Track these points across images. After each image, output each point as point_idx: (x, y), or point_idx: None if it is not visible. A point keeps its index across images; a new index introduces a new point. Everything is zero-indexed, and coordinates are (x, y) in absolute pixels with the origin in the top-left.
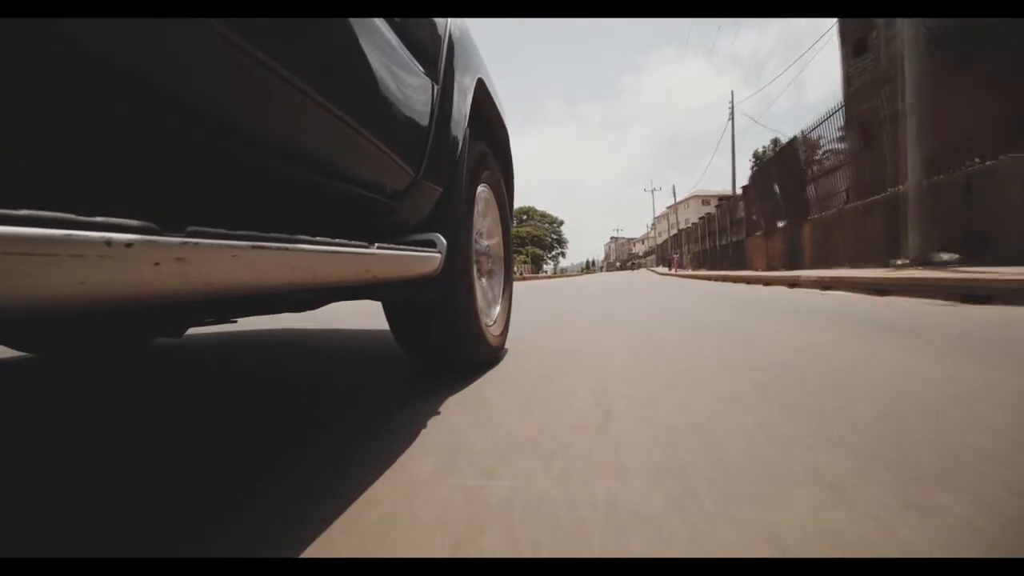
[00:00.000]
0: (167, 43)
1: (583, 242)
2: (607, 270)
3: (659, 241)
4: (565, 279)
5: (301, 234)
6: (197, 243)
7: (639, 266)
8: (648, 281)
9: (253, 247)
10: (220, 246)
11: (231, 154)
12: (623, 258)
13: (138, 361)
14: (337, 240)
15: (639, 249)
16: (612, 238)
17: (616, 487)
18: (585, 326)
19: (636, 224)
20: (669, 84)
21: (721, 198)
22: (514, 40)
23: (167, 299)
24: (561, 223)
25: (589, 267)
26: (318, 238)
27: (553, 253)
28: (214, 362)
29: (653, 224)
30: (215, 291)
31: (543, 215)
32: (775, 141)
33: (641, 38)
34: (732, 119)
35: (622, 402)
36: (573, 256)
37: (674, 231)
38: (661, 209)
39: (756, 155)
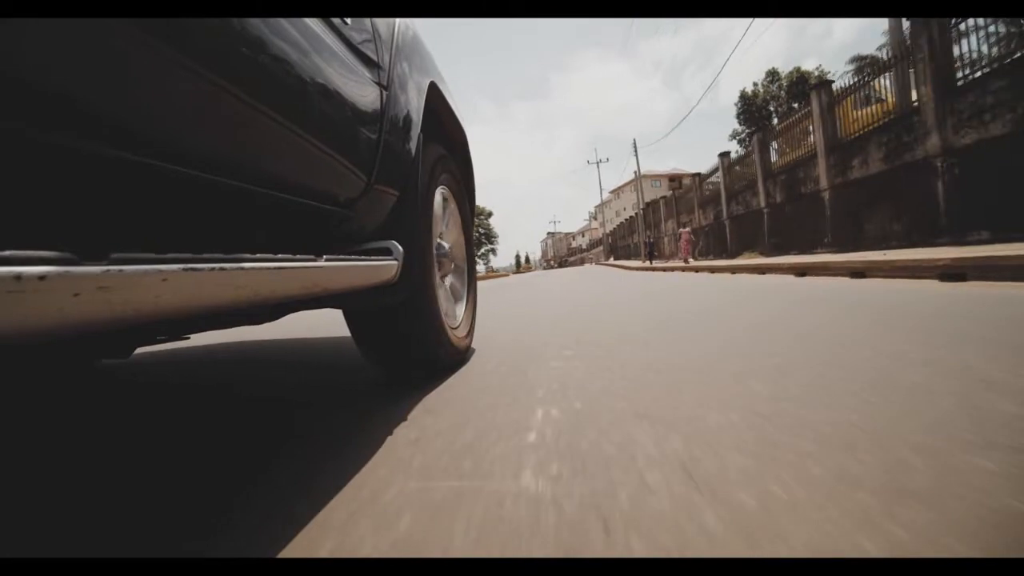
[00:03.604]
0: (79, 48)
1: (519, 240)
2: (545, 268)
3: (608, 229)
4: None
5: (247, 250)
6: (121, 270)
7: (582, 261)
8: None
9: (185, 269)
10: (147, 271)
11: (164, 171)
12: (562, 254)
13: (81, 386)
14: (281, 255)
15: (580, 242)
16: (549, 233)
17: None
18: None
19: (572, 220)
20: (595, 84)
21: (672, 177)
22: (442, 41)
23: (93, 329)
24: (489, 214)
25: (520, 265)
26: (259, 254)
27: (482, 250)
28: (165, 382)
29: (595, 213)
30: (147, 317)
31: None
32: (771, 73)
33: (567, 38)
34: None
35: None
36: (507, 255)
37: (624, 214)
38: (602, 198)
39: (744, 96)
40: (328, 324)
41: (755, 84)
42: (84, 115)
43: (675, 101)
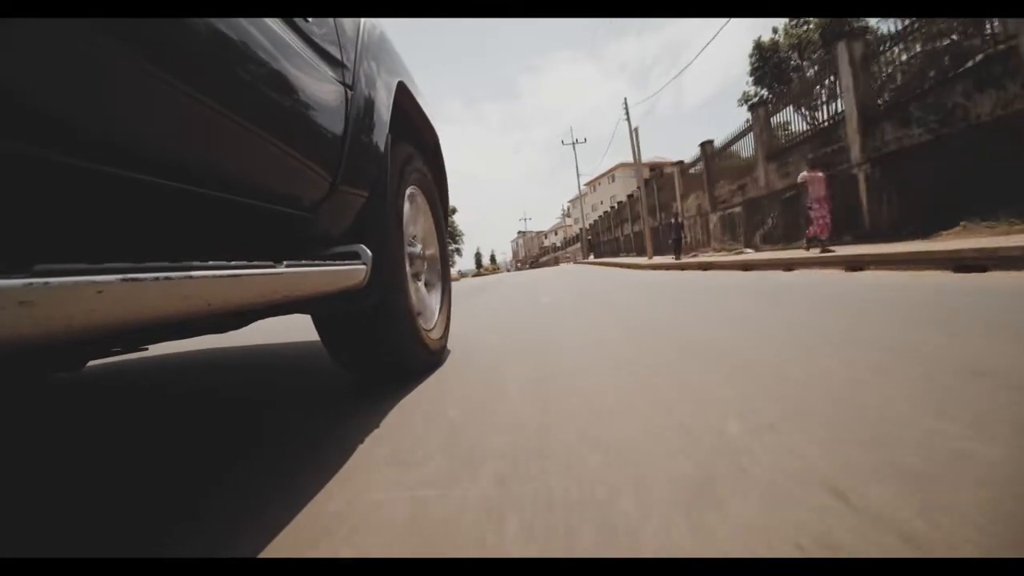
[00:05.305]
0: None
1: (490, 240)
2: (514, 269)
3: (588, 222)
4: None
5: (203, 257)
6: (47, 283)
7: (556, 261)
8: None
9: (124, 280)
10: (78, 283)
11: (107, 174)
12: (534, 253)
13: (29, 401)
14: (235, 263)
15: (553, 240)
16: (520, 232)
17: None
18: None
19: (544, 219)
20: (565, 85)
21: (653, 166)
22: (411, 40)
23: (19, 346)
24: (453, 211)
25: (481, 266)
26: (210, 262)
27: None
28: (119, 398)
29: (569, 209)
30: (83, 332)
31: None
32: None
33: (538, 40)
34: None
35: None
36: (475, 255)
37: (601, 208)
38: (579, 189)
39: (760, 47)
40: (307, 328)
41: (775, 31)
42: (14, 111)
43: (642, 104)
